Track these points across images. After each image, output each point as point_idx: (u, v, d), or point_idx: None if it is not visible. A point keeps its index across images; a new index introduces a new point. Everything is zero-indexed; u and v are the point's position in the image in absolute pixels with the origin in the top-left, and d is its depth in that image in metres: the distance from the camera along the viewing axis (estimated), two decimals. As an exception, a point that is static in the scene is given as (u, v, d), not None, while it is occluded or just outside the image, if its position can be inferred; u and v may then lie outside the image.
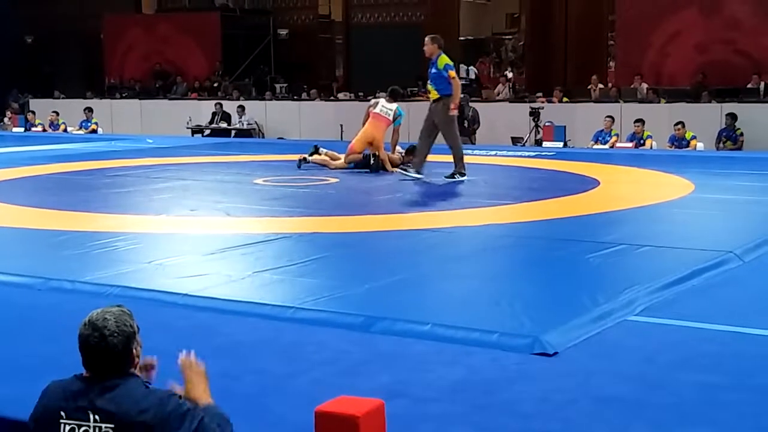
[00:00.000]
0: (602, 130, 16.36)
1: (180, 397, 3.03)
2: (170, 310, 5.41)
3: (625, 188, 10.95)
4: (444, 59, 11.48)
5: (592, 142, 16.41)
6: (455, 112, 11.64)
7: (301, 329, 5.08)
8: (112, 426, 2.90)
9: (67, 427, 2.94)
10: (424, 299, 5.76)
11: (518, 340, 4.72)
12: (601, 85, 20.48)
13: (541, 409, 3.89)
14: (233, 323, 5.23)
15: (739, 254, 6.77)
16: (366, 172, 12.54)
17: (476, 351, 4.64)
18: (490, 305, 5.51)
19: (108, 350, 2.96)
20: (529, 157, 14.58)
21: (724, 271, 6.38)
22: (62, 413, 2.95)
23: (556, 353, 4.59)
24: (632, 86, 19.37)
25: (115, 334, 2.96)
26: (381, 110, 12.96)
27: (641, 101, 18.46)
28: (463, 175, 11.51)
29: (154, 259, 6.89)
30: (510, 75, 24.23)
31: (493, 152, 15.25)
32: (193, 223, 8.75)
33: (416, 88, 22.77)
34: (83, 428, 2.92)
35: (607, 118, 16.38)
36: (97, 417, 2.91)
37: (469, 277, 6.51)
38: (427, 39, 11.77)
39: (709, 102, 17.63)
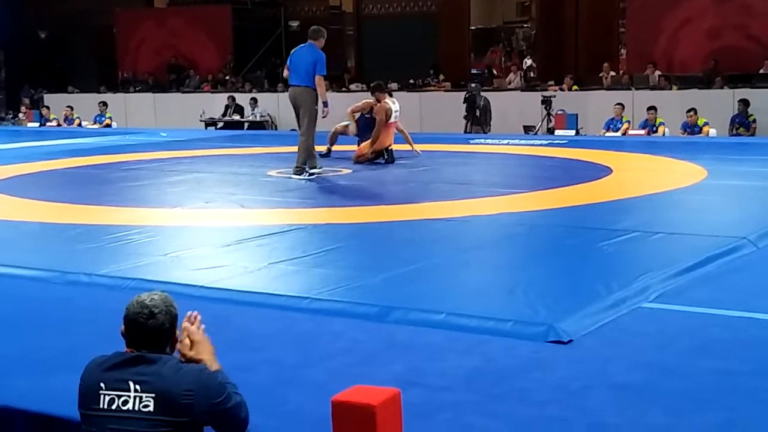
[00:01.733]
0: (613, 118, 16.33)
1: (206, 368, 3.12)
2: (186, 302, 5.39)
3: (638, 175, 10.93)
4: None
5: (604, 130, 16.37)
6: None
7: (316, 319, 5.10)
8: (153, 395, 2.96)
9: (107, 398, 3.00)
10: (438, 289, 5.77)
11: (533, 329, 4.73)
12: (612, 73, 20.43)
13: (557, 397, 3.90)
14: (249, 314, 5.26)
15: (753, 240, 6.76)
16: (379, 163, 12.53)
17: (491, 339, 4.65)
18: (505, 294, 5.52)
19: (156, 326, 3.09)
20: (541, 145, 14.56)
21: (738, 257, 6.37)
22: (102, 384, 3.02)
23: (570, 341, 4.60)
24: (644, 73, 19.31)
25: (163, 312, 3.11)
26: (395, 117, 12.76)
27: (653, 88, 18.40)
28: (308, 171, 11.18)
29: (170, 251, 6.92)
30: (530, 62, 24.14)
31: (506, 141, 15.24)
32: (208, 215, 8.78)
33: (429, 78, 22.80)
34: (123, 398, 2.98)
35: (617, 106, 16.33)
36: (137, 387, 2.98)
37: (483, 266, 6.52)
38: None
39: (722, 88, 17.56)
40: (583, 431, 3.59)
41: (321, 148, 12.98)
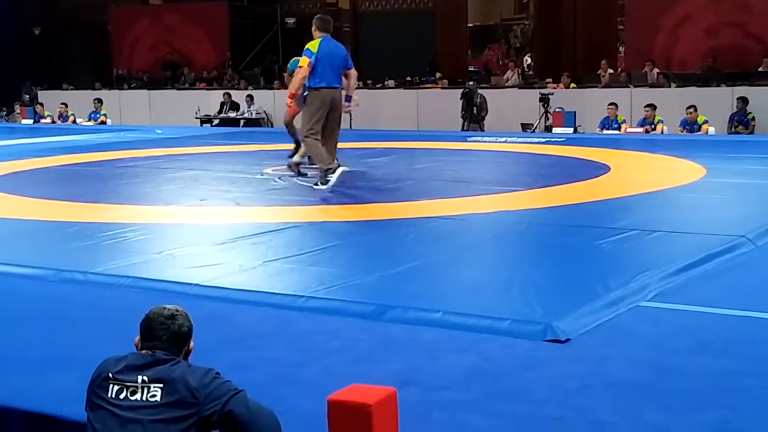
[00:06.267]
0: (607, 117, 16.25)
1: (217, 373, 3.15)
2: (181, 300, 5.37)
3: (636, 173, 10.90)
4: (311, 45, 9.98)
5: (599, 129, 16.31)
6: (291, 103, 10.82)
7: (312, 318, 5.07)
8: (160, 386, 3.01)
9: (115, 388, 3.04)
10: (435, 287, 5.74)
11: (530, 327, 4.71)
12: (611, 70, 20.40)
13: (554, 396, 3.88)
14: (244, 313, 5.23)
15: (752, 239, 6.74)
16: (374, 160, 12.49)
17: (488, 338, 4.63)
18: (502, 292, 5.49)
19: (175, 329, 3.17)
20: (539, 143, 14.55)
21: (736, 256, 6.35)
22: (110, 374, 3.07)
23: (568, 340, 4.57)
24: (643, 71, 19.28)
25: (183, 316, 3.22)
26: None
27: (651, 86, 18.37)
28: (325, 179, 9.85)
29: (165, 249, 6.89)
30: (530, 60, 24.12)
31: (503, 139, 15.22)
32: (203, 213, 8.75)
33: (425, 77, 22.77)
34: (131, 388, 3.02)
35: (611, 106, 16.21)
36: (145, 378, 3.03)
37: (481, 265, 6.50)
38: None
39: (720, 86, 17.54)
40: (581, 430, 3.57)
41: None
